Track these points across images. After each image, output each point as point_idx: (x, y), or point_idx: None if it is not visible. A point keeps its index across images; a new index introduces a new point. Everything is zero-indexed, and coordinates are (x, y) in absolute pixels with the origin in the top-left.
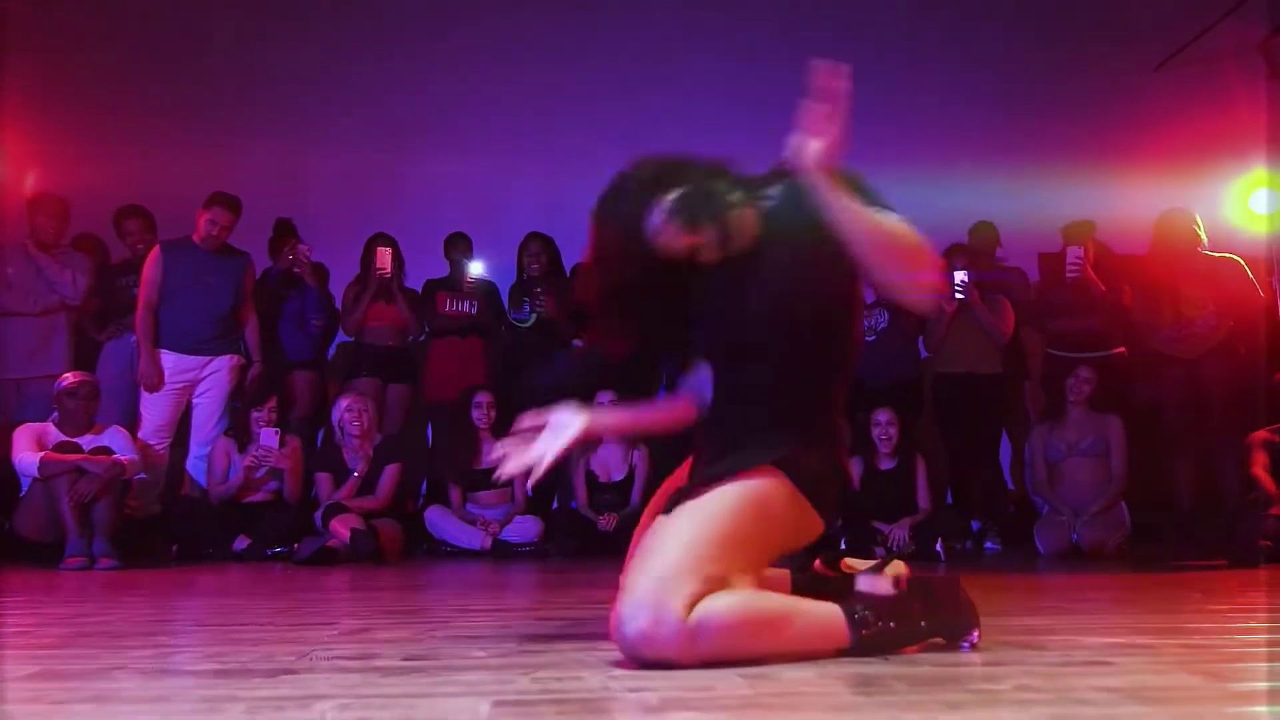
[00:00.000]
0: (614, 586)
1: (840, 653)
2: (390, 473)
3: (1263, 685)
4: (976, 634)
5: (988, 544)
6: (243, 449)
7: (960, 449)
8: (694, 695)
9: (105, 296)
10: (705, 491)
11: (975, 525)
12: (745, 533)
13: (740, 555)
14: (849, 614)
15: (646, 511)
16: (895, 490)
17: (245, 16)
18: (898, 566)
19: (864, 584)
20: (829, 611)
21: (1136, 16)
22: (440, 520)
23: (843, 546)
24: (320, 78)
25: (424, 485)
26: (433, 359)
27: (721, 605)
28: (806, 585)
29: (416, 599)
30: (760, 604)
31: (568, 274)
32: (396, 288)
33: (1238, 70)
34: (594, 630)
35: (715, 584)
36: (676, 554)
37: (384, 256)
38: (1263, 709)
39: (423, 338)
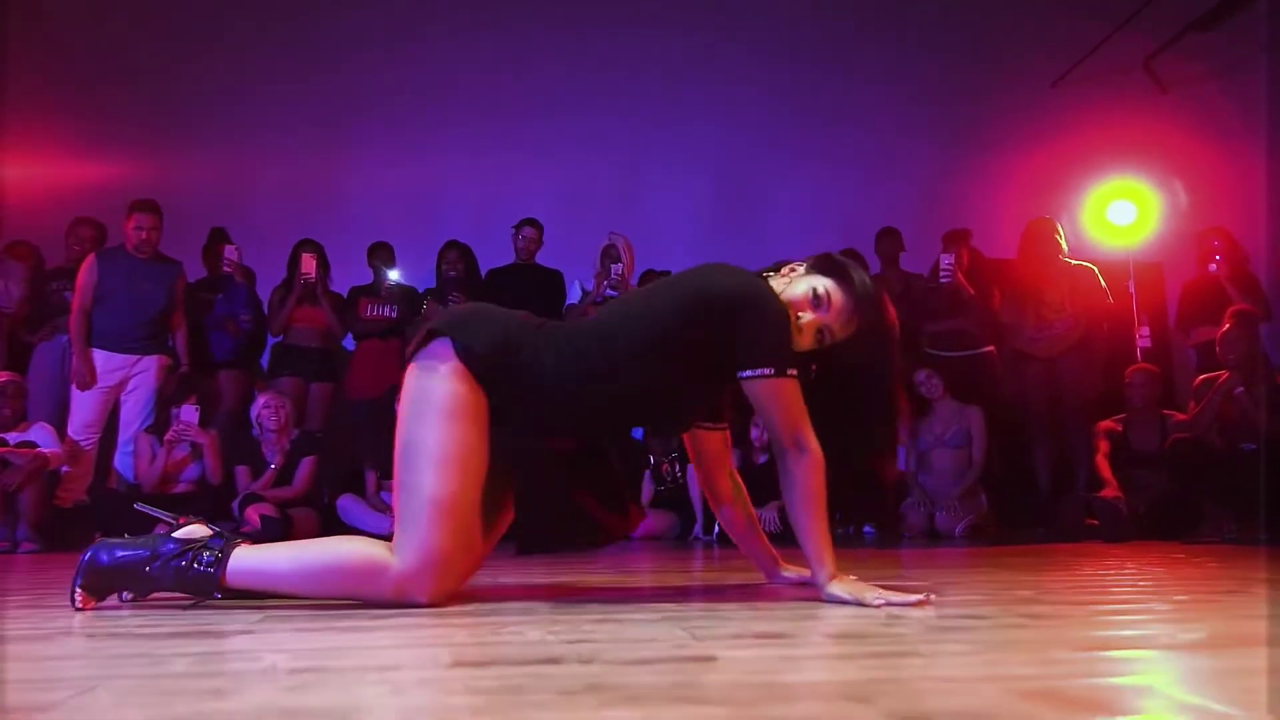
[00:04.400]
0: None
1: None
2: (306, 465)
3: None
4: None
5: (866, 528)
6: (164, 443)
7: None
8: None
9: (37, 301)
10: None
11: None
12: None
13: None
14: None
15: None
16: (767, 480)
17: (182, 34)
18: None
19: None
20: None
21: (1032, 38)
22: (352, 507)
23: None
24: (259, 94)
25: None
26: (356, 360)
27: None
28: None
29: None
30: None
31: (483, 279)
32: (321, 292)
33: (1126, 85)
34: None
35: None
36: None
37: (308, 262)
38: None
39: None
